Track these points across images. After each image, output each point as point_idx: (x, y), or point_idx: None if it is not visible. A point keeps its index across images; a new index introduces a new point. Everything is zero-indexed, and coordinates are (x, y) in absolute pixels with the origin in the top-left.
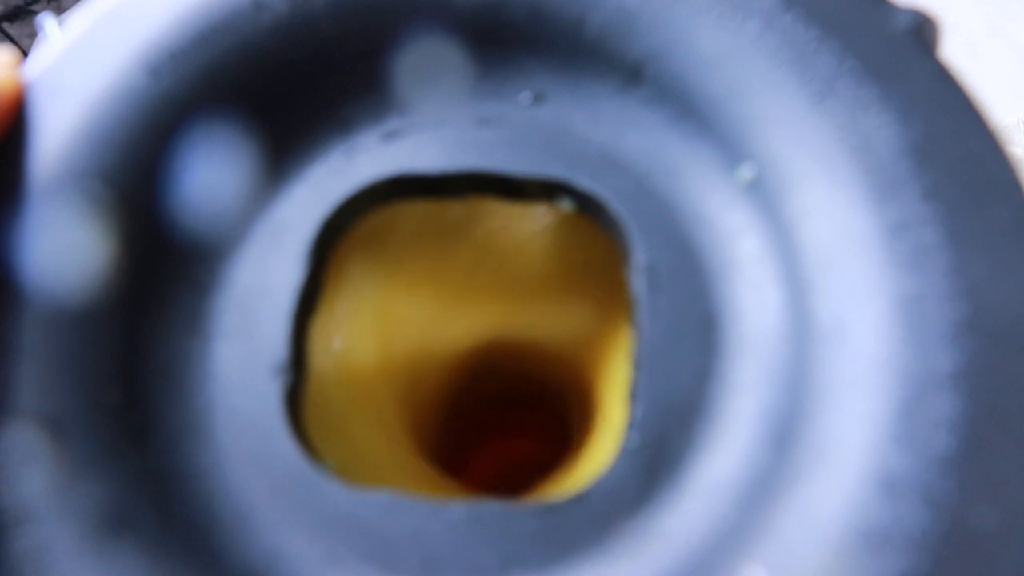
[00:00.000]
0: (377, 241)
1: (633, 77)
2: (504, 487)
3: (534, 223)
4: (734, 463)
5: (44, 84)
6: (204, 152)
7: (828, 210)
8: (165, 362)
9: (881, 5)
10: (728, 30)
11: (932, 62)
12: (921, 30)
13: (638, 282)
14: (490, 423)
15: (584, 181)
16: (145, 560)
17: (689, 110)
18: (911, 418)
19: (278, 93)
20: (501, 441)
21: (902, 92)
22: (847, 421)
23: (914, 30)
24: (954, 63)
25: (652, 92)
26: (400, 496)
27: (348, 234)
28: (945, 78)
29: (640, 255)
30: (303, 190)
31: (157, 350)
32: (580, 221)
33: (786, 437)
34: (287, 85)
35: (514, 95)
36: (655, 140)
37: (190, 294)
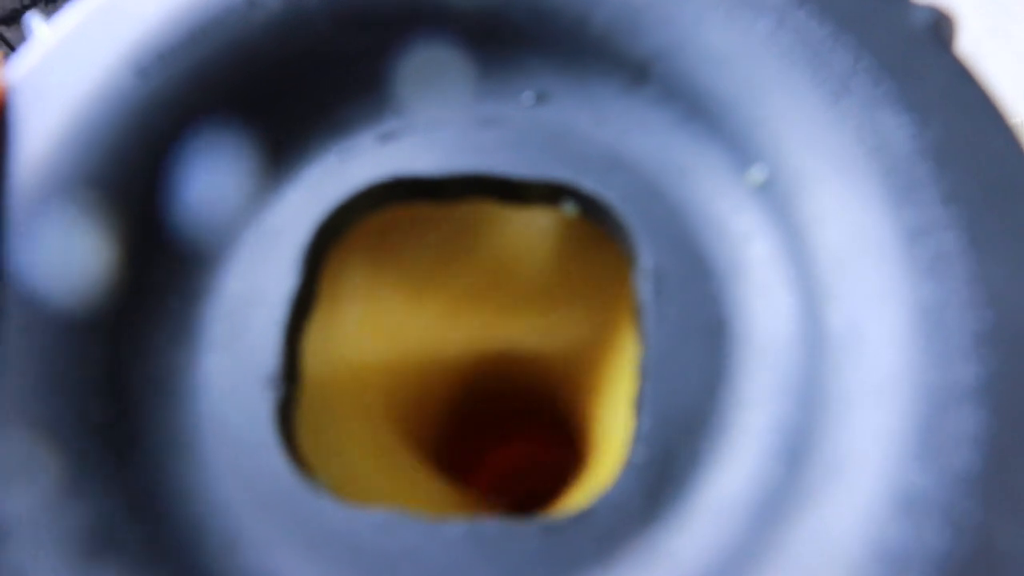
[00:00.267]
0: (377, 246)
1: (639, 76)
2: (512, 493)
3: (538, 228)
4: (744, 479)
5: (28, 86)
6: (194, 156)
7: (843, 213)
8: (152, 374)
9: (897, 1)
10: (738, 27)
11: (950, 59)
12: (938, 27)
13: (644, 288)
14: (495, 431)
15: (588, 183)
16: None
17: (697, 110)
18: (931, 433)
19: (271, 94)
20: (507, 448)
21: (920, 91)
22: (863, 436)
23: (931, 27)
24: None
25: (659, 91)
26: (397, 514)
27: (344, 239)
28: (964, 76)
29: (646, 259)
30: (296, 194)
31: (143, 362)
32: (584, 226)
33: (799, 452)
34: (280, 85)
35: (516, 95)
36: (662, 141)
37: (178, 303)
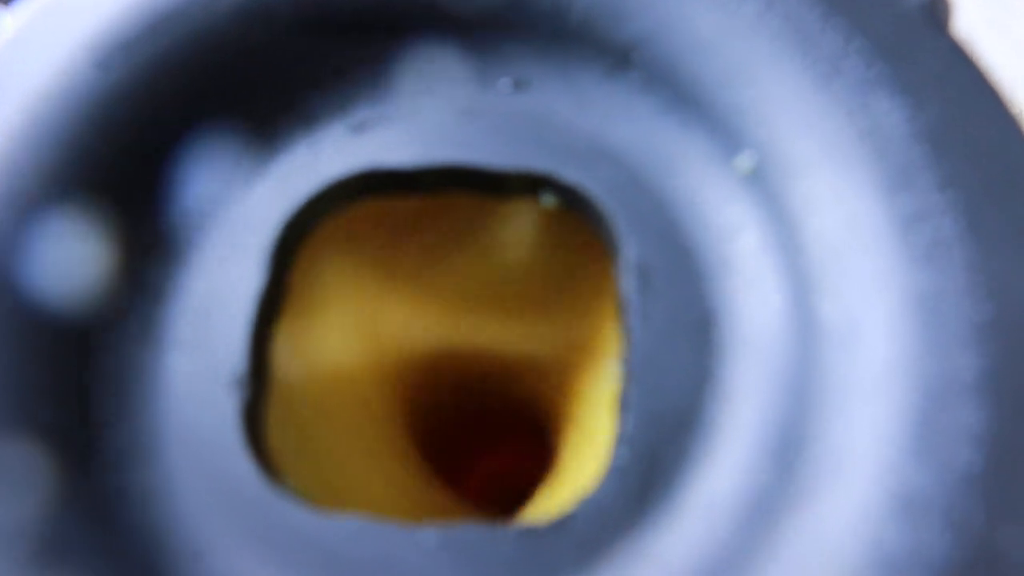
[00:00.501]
0: (355, 242)
1: (622, 61)
2: (503, 498)
3: (521, 226)
4: (734, 479)
5: None
6: (157, 149)
7: (835, 201)
8: (113, 375)
9: None
10: (725, 9)
11: (946, 40)
12: (933, 7)
13: (628, 282)
14: (481, 435)
15: (569, 174)
16: None
17: (683, 96)
18: (930, 429)
19: (237, 85)
20: (495, 452)
21: (915, 72)
22: (858, 433)
23: (925, 7)
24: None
25: (643, 77)
26: (369, 520)
27: (316, 234)
28: (960, 58)
29: (630, 252)
30: (265, 188)
31: (104, 362)
32: (569, 221)
33: (791, 450)
34: (246, 76)
35: (494, 82)
36: (646, 128)
37: (141, 301)
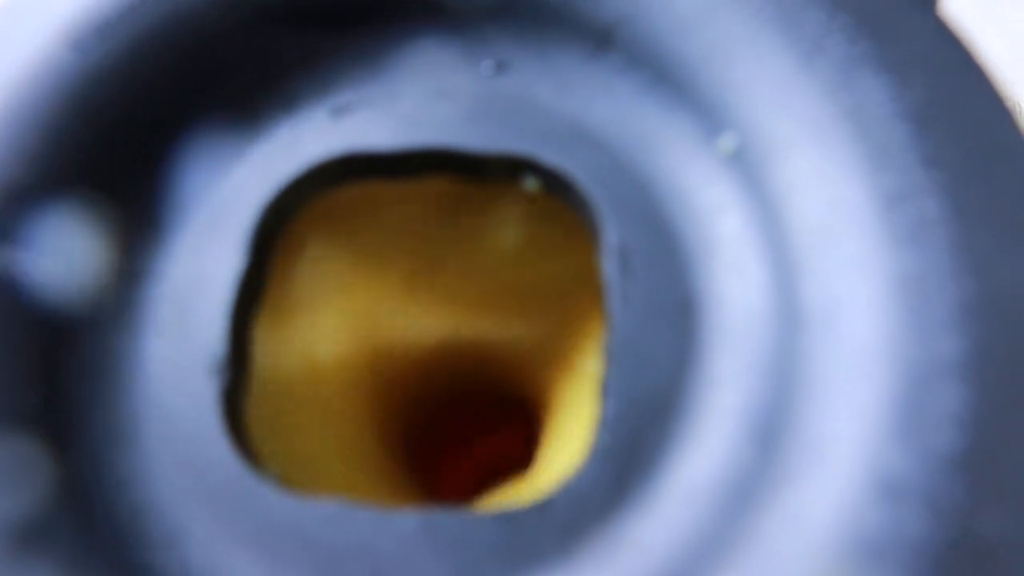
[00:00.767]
0: (340, 226)
1: (603, 42)
2: (486, 489)
3: (507, 210)
4: (715, 464)
5: None
6: (136, 133)
7: (818, 181)
8: (91, 360)
9: None
10: None
11: (931, 17)
12: None
13: (609, 266)
14: (471, 425)
15: (550, 156)
16: None
17: (664, 76)
18: (912, 412)
19: (217, 67)
20: (485, 443)
21: (899, 50)
22: (840, 416)
23: None
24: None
25: (624, 58)
26: (347, 505)
27: (299, 219)
28: (946, 35)
29: (611, 236)
30: (244, 171)
31: (81, 347)
32: (551, 206)
33: (773, 434)
34: (227, 58)
35: (474, 65)
36: (628, 110)
37: (119, 285)
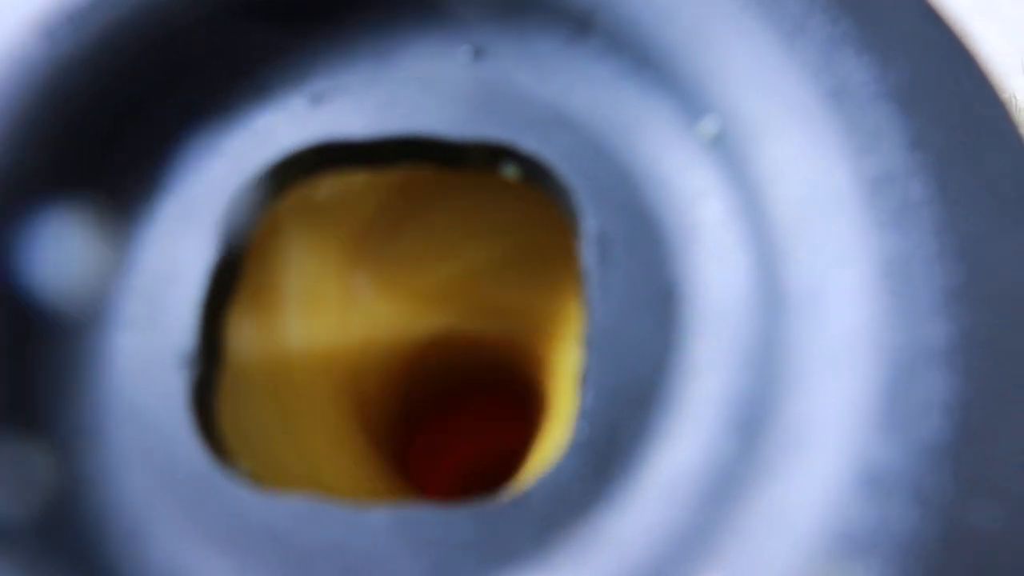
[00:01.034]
0: (319, 221)
1: (583, 26)
2: (479, 485)
3: (490, 200)
4: (696, 455)
5: None
6: (106, 122)
7: (800, 164)
8: (58, 355)
9: None
10: None
11: None
12: None
13: (588, 253)
14: (453, 416)
15: (528, 143)
16: None
17: (645, 60)
18: (898, 401)
19: (188, 56)
20: (467, 435)
21: (882, 29)
22: (824, 405)
23: None
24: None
25: (604, 42)
26: (318, 502)
27: (276, 208)
28: (930, 13)
29: (590, 222)
30: (217, 161)
31: (48, 341)
32: (534, 192)
33: (755, 424)
34: (199, 45)
35: (452, 51)
36: (608, 95)
37: (88, 278)
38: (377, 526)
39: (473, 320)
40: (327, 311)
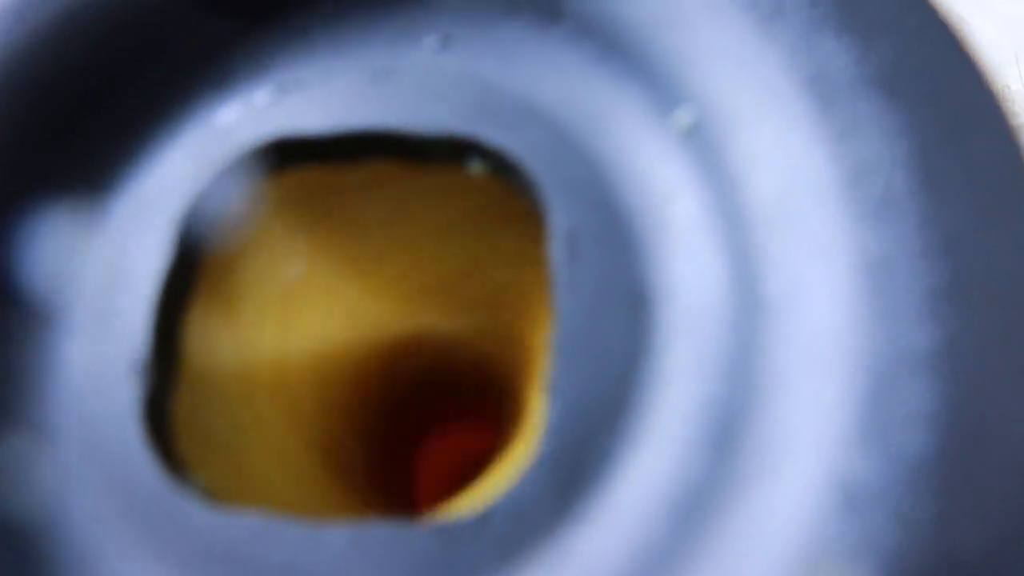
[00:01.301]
0: (284, 222)
1: (551, 11)
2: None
3: (464, 198)
4: (667, 470)
5: None
6: (60, 116)
7: (777, 156)
8: (5, 362)
9: None
10: None
11: None
12: None
13: (556, 252)
14: (433, 428)
15: (494, 137)
16: None
17: (615, 45)
18: (878, 412)
19: (147, 45)
20: (449, 446)
21: (863, 11)
22: (801, 415)
23: None
24: None
25: (573, 28)
26: (274, 519)
27: (242, 205)
28: None
29: (559, 220)
30: (172, 157)
31: None
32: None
33: (729, 436)
34: (155, 36)
35: (417, 40)
36: (578, 84)
37: (36, 281)
38: (335, 545)
39: (449, 321)
40: (301, 313)
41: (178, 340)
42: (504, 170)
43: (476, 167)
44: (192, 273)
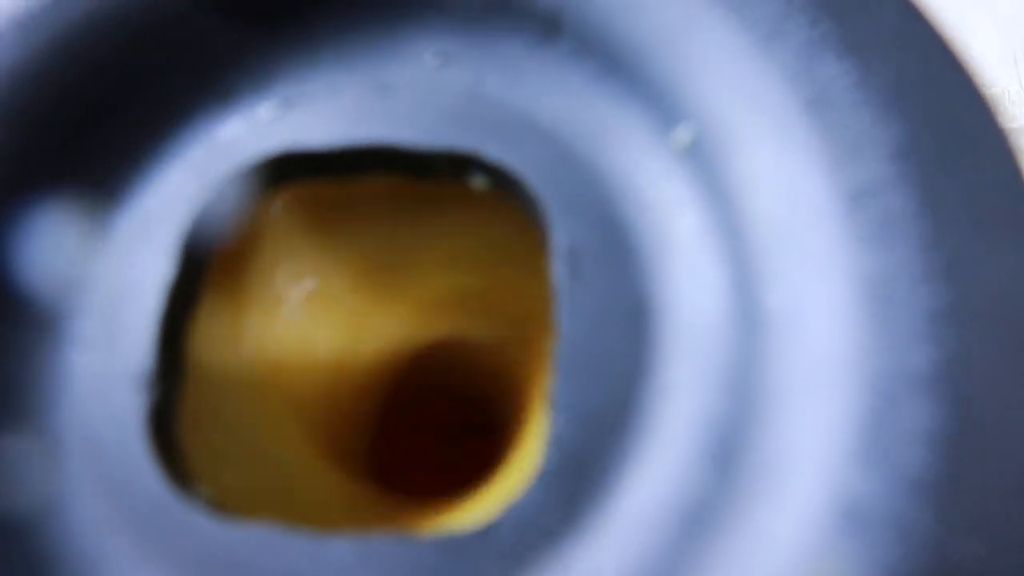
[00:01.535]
0: (294, 232)
1: (551, 29)
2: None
3: (473, 211)
4: (669, 485)
5: None
6: (64, 130)
7: (778, 176)
8: (10, 375)
9: None
10: None
11: None
12: None
13: (558, 268)
14: (438, 437)
15: (495, 152)
16: None
17: (616, 64)
18: (879, 430)
19: (147, 61)
20: (450, 454)
21: (864, 31)
22: (801, 434)
23: None
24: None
25: (573, 45)
26: (278, 530)
27: (252, 217)
28: (915, 15)
29: (560, 236)
30: (176, 172)
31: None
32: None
33: (730, 453)
34: (157, 51)
35: (418, 57)
36: (578, 101)
37: (43, 294)
38: (340, 557)
39: (459, 332)
40: (307, 324)
41: (183, 351)
42: (505, 185)
43: (478, 182)
44: (197, 285)
